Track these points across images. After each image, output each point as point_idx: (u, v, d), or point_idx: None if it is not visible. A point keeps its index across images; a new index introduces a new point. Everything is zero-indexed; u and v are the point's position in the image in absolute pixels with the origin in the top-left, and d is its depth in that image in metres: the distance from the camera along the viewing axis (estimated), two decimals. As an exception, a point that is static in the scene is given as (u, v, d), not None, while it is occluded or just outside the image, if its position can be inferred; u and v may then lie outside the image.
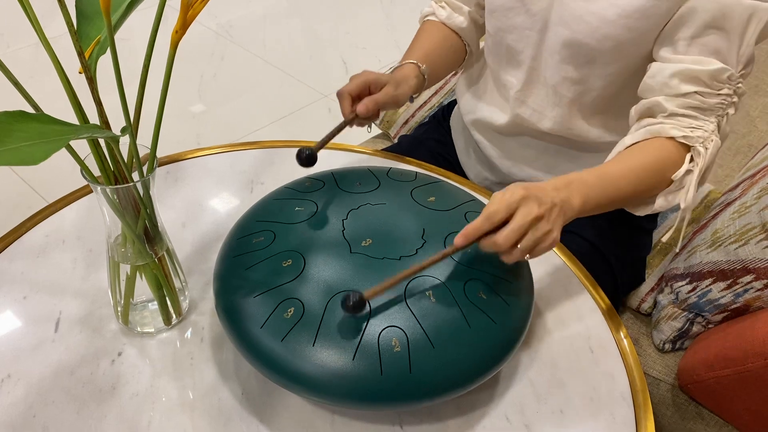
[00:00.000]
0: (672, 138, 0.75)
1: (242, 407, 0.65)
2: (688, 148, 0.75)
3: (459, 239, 0.61)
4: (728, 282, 0.82)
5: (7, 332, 0.70)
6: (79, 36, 0.57)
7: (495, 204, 0.61)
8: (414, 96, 0.92)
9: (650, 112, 0.78)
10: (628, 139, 0.78)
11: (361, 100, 0.83)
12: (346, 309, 0.58)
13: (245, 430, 0.63)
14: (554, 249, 0.85)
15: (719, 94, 0.75)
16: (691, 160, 0.75)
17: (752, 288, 0.80)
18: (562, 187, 0.66)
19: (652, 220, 1.05)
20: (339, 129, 0.81)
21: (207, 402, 0.65)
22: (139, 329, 0.71)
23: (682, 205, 0.75)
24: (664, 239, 0.78)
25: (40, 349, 0.69)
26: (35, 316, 0.72)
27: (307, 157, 0.76)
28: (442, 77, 1.00)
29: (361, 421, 0.65)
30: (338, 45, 2.57)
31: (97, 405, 0.64)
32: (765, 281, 0.78)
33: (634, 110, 0.81)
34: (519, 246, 0.62)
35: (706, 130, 0.75)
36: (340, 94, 0.83)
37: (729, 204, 0.91)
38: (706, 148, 0.74)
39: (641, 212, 0.80)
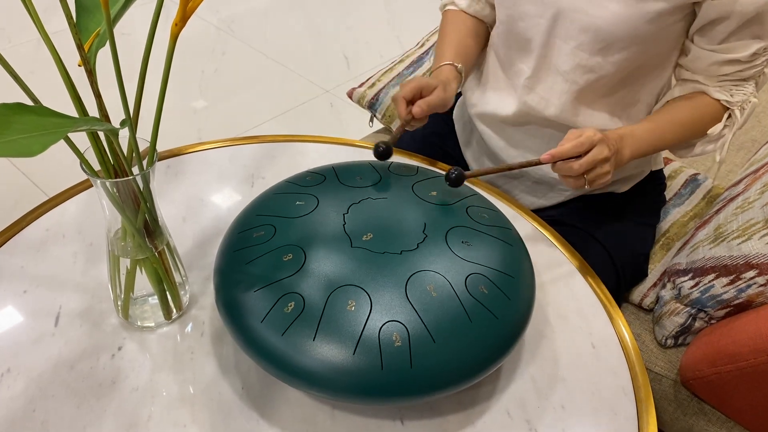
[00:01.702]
0: (716, 99, 0.84)
1: (242, 401, 0.65)
2: (727, 108, 0.85)
3: (546, 156, 0.75)
4: (731, 277, 0.82)
5: (7, 326, 0.70)
6: (78, 29, 0.57)
7: (583, 138, 0.74)
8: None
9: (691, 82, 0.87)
10: (676, 91, 0.88)
11: (413, 104, 0.86)
12: (449, 181, 0.73)
13: (245, 424, 0.63)
14: (556, 243, 0.85)
15: (756, 65, 0.82)
16: (728, 117, 0.85)
17: (755, 283, 0.79)
18: (617, 139, 0.79)
19: (655, 214, 1.05)
20: (402, 128, 0.87)
21: (207, 396, 0.65)
22: (139, 323, 0.71)
23: (718, 159, 0.88)
24: (714, 183, 0.91)
25: (40, 344, 0.68)
26: (35, 311, 0.72)
27: (384, 151, 0.80)
28: (474, 67, 1.02)
29: (362, 416, 0.65)
30: (340, 40, 2.57)
31: (97, 399, 0.64)
32: (768, 276, 0.78)
33: (677, 72, 0.89)
34: (586, 176, 0.76)
35: (745, 93, 0.84)
36: (395, 99, 0.87)
37: (732, 199, 0.91)
38: (743, 110, 0.85)
39: (681, 156, 0.91)
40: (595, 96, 0.89)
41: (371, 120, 1.22)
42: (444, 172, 0.76)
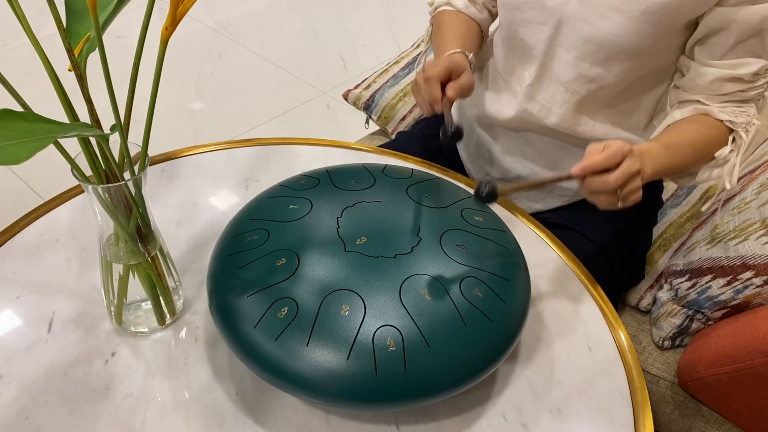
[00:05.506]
0: (719, 119, 0.79)
1: (237, 407, 0.64)
2: (731, 129, 0.80)
3: (576, 169, 0.65)
4: (728, 278, 0.81)
5: (0, 333, 0.70)
6: (68, 33, 0.56)
7: (614, 148, 0.66)
8: None
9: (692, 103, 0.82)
10: (677, 114, 0.82)
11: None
12: (479, 198, 0.61)
13: (240, 430, 0.63)
14: (552, 245, 0.84)
15: (757, 86, 0.79)
16: (733, 140, 0.80)
17: (752, 284, 0.79)
18: (638, 155, 0.70)
19: (652, 216, 1.05)
20: (450, 111, 0.77)
21: (201, 402, 0.65)
22: (132, 329, 0.70)
23: (728, 187, 0.80)
24: (704, 209, 0.86)
25: (33, 350, 0.68)
26: (28, 316, 0.71)
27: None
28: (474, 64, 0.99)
29: (357, 421, 0.64)
30: (337, 42, 2.56)
31: (91, 406, 0.63)
32: (765, 277, 0.77)
33: (673, 96, 0.84)
34: (619, 192, 0.67)
35: (749, 115, 0.80)
36: (429, 79, 0.79)
37: (729, 200, 0.90)
38: (747, 132, 0.80)
39: (685, 183, 0.86)
40: (596, 106, 0.88)
41: (367, 121, 1.22)
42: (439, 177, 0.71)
